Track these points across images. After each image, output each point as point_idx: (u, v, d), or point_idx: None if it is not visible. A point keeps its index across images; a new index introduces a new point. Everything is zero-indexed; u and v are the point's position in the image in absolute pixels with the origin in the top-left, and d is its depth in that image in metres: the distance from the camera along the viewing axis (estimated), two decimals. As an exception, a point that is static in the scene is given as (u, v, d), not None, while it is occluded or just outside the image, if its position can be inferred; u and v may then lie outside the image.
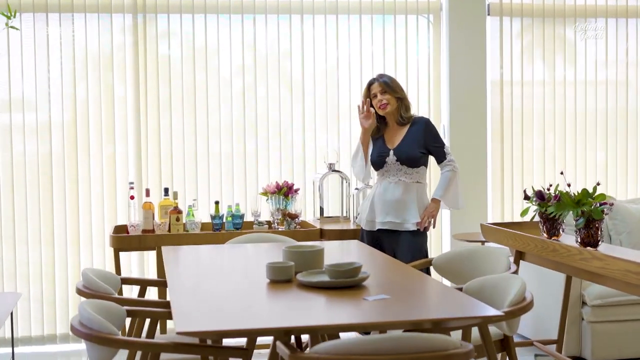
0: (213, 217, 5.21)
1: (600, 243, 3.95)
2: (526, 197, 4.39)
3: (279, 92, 5.84)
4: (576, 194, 4.02)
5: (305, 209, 5.78)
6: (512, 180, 6.13)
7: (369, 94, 4.77)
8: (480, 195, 6.04)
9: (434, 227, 4.79)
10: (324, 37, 5.87)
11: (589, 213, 3.91)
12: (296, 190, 5.39)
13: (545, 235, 4.35)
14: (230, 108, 5.80)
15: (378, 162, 4.77)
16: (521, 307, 3.01)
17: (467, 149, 5.99)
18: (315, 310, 2.88)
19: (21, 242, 5.61)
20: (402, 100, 4.76)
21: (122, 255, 5.55)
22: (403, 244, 4.68)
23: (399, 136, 4.76)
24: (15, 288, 5.59)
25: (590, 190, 4.05)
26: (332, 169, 5.57)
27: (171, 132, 5.73)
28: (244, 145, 5.82)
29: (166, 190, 5.30)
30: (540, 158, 6.20)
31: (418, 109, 5.94)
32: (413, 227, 4.68)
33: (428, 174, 4.93)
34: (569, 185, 4.12)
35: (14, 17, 4.87)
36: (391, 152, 4.73)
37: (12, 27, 4.91)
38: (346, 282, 3.12)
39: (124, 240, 4.99)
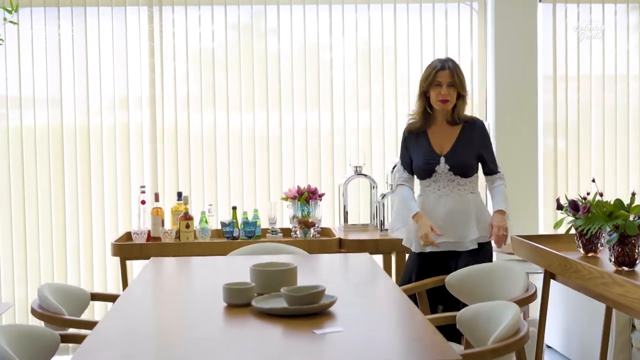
0: (223, 225, 4.81)
1: (638, 262, 3.36)
2: (559, 207, 3.82)
3: (305, 89, 5.40)
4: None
5: (333, 216, 5.31)
6: (566, 185, 5.47)
7: (433, 80, 3.90)
8: (530, 203, 5.41)
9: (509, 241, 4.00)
10: (354, 28, 5.38)
11: (623, 228, 3.33)
12: (320, 196, 4.94)
13: (581, 250, 3.77)
14: (253, 110, 5.38)
15: (425, 171, 3.98)
16: (506, 344, 2.48)
17: (515, 150, 5.38)
18: (255, 344, 2.42)
19: (32, 248, 5.35)
20: (463, 99, 3.97)
21: (138, 264, 5.26)
22: (461, 267, 3.81)
23: (450, 139, 3.98)
24: (26, 294, 5.34)
25: (627, 201, 3.46)
26: (358, 172, 5.08)
27: (189, 132, 5.36)
28: (267, 146, 5.39)
29: (179, 195, 4.94)
30: (600, 161, 5.52)
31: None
32: (473, 245, 3.92)
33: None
34: (601, 194, 3.53)
35: (16, 11, 4.61)
36: (442, 160, 3.95)
37: (11, 22, 4.67)
38: (302, 310, 2.66)
39: (124, 248, 4.65)
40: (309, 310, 2.66)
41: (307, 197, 4.89)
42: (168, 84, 5.33)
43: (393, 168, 5.01)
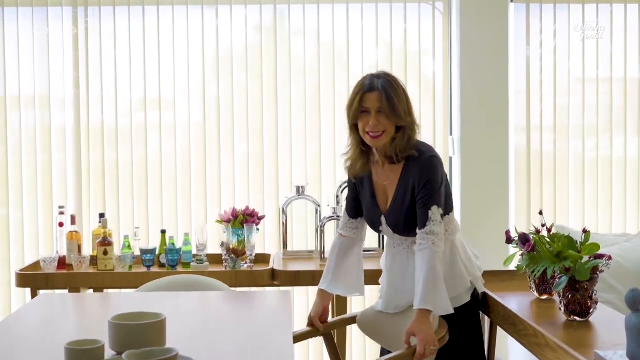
0: (144, 252, 4.27)
1: (592, 312, 2.80)
2: (509, 241, 3.27)
3: (246, 91, 4.85)
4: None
5: (281, 241, 4.70)
6: (540, 205, 4.86)
7: (359, 107, 2.89)
8: (499, 232, 4.76)
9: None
10: (302, 31, 4.81)
11: (573, 271, 2.76)
12: (260, 219, 4.38)
13: (535, 292, 3.23)
14: (188, 113, 4.82)
15: (373, 227, 3.12)
16: None
17: (483, 171, 4.75)
18: None
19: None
20: (403, 130, 2.90)
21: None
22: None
23: (392, 186, 2.99)
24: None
25: (581, 238, 2.90)
26: (301, 193, 4.52)
27: (117, 142, 4.81)
28: (204, 158, 4.83)
29: (102, 216, 4.40)
30: (579, 182, 4.91)
31: (420, 120, 4.69)
32: (446, 311, 2.84)
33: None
34: (549, 229, 2.97)
35: None
36: (383, 220, 3.03)
37: None
38: (145, 382, 2.11)
39: (29, 278, 4.11)
40: (154, 382, 2.12)
41: (242, 220, 4.34)
42: (94, 87, 4.79)
43: (340, 187, 4.46)
